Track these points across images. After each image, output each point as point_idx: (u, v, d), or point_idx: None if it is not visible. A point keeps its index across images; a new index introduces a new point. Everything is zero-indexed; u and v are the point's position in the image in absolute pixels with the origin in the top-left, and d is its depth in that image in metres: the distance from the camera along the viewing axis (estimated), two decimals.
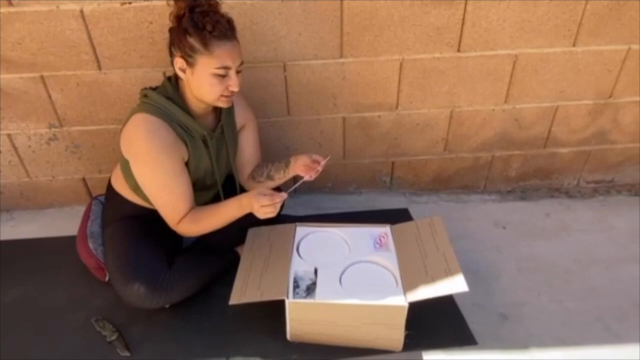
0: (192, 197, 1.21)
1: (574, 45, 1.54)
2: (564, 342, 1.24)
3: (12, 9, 1.35)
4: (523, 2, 1.44)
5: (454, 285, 1.12)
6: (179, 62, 1.10)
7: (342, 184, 1.83)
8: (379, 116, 1.65)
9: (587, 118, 1.71)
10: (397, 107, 1.64)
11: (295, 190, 1.21)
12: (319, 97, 1.59)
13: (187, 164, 1.20)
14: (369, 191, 1.85)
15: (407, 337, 1.17)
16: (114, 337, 1.22)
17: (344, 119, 1.65)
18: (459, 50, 1.53)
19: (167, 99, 1.15)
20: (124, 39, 1.42)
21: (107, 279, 1.37)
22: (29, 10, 1.36)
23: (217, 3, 1.10)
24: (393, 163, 1.78)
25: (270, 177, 1.36)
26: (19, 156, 1.64)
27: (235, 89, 1.12)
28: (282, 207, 1.54)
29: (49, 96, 1.52)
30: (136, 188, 1.24)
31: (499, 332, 1.27)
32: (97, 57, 1.45)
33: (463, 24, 1.47)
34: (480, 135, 1.73)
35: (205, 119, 1.24)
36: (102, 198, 1.51)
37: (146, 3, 1.37)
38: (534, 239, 1.62)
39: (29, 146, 1.62)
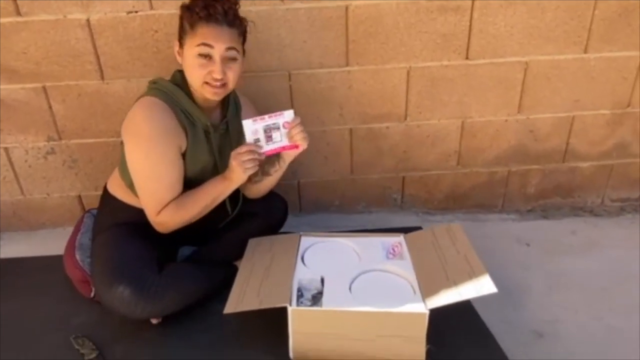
0: (180, 190, 1.14)
1: (585, 51, 1.50)
2: None
3: (19, 19, 1.36)
4: (529, 8, 1.43)
5: (481, 287, 0.98)
6: (176, 45, 1.11)
7: (351, 201, 1.72)
8: (387, 127, 1.59)
9: (606, 129, 1.64)
10: (405, 118, 1.58)
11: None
12: (324, 107, 1.55)
13: (184, 156, 1.13)
14: (379, 210, 1.75)
15: (428, 351, 1.01)
16: (92, 356, 1.08)
17: (351, 130, 1.59)
18: (467, 58, 1.50)
19: (175, 85, 1.13)
20: (129, 47, 1.42)
21: (92, 294, 1.25)
22: (36, 19, 1.37)
23: None
24: (404, 178, 1.69)
25: (266, 173, 1.27)
26: (14, 172, 1.58)
27: (217, 75, 1.07)
28: (284, 216, 1.45)
29: (50, 107, 1.49)
30: (132, 184, 1.16)
31: (534, 351, 1.11)
32: (100, 67, 1.44)
33: (470, 30, 1.46)
34: (494, 148, 1.65)
35: (210, 113, 1.20)
36: (94, 211, 1.42)
37: (152, 12, 1.38)
38: (562, 256, 1.48)
39: (26, 160, 1.57)
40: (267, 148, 1.12)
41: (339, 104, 1.55)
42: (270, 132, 1.12)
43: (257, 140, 1.11)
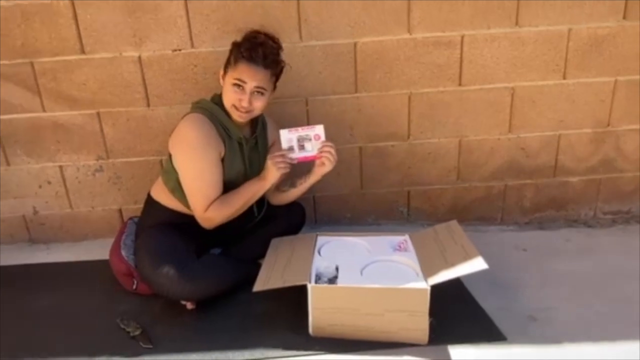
0: (222, 188, 1.33)
1: (564, 77, 1.72)
2: (601, 340, 1.18)
3: (83, 56, 1.65)
4: (511, 42, 1.67)
5: (474, 265, 1.13)
6: (221, 71, 1.34)
7: (361, 214, 1.90)
8: (393, 146, 1.80)
9: (590, 146, 1.82)
10: (409, 137, 1.79)
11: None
12: (337, 128, 1.77)
13: (222, 161, 1.34)
14: (387, 222, 1.91)
15: (431, 324, 1.14)
16: (137, 333, 1.23)
17: (360, 148, 1.80)
18: (460, 85, 1.72)
19: (214, 103, 1.36)
20: (172, 79, 1.68)
21: (134, 286, 1.42)
22: (97, 57, 1.65)
23: (272, 38, 1.32)
24: (409, 192, 1.87)
25: (293, 185, 1.47)
26: (66, 187, 1.81)
27: (244, 104, 1.29)
28: (303, 219, 1.65)
29: (101, 130, 1.74)
30: (174, 189, 1.37)
31: (528, 331, 1.23)
32: (147, 96, 1.70)
33: (461, 61, 1.70)
34: (490, 163, 1.83)
35: (242, 129, 1.41)
36: (136, 219, 1.62)
37: (192, 50, 1.65)
38: (557, 259, 1.61)
39: (76, 177, 1.80)
40: (299, 155, 1.34)
41: (349, 126, 1.77)
42: (302, 142, 1.33)
43: (291, 147, 1.33)
